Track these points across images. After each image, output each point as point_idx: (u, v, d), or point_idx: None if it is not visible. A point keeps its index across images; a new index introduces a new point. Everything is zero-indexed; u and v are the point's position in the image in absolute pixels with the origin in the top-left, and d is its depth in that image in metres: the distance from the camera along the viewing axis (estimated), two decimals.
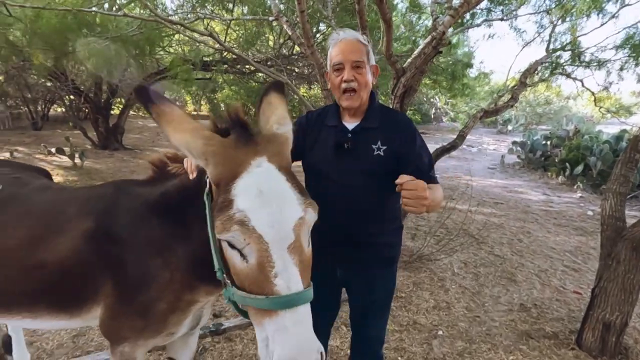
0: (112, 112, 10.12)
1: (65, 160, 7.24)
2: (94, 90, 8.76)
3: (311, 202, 0.85)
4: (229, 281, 0.87)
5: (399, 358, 2.30)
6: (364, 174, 1.33)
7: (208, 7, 4.26)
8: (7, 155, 7.50)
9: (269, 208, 0.77)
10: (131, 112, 12.59)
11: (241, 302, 0.83)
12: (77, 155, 7.01)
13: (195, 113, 20.97)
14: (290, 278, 0.77)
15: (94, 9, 2.84)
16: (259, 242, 0.76)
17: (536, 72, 4.59)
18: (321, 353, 0.78)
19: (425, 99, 15.13)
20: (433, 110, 17.91)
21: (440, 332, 2.54)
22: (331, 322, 1.68)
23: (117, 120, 9.27)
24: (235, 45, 5.97)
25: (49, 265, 1.12)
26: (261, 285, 0.77)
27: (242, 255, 0.79)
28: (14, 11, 2.34)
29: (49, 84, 8.48)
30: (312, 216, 0.84)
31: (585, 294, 3.08)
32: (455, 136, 3.48)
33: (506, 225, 4.99)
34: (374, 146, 1.33)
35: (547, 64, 4.39)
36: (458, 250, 3.85)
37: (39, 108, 13.87)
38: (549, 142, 9.03)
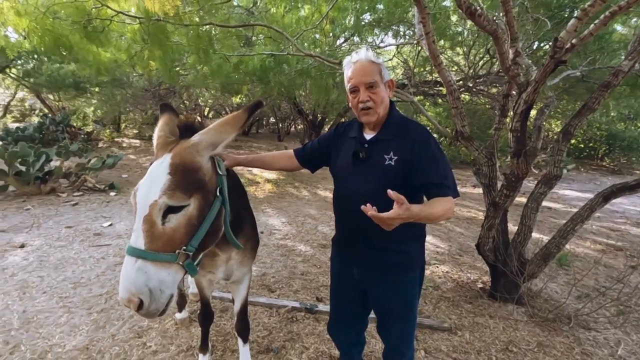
0: (325, 128, 12.40)
1: None
2: (312, 112, 11.04)
3: (173, 193, 1.11)
4: None
5: None
6: (376, 182, 1.41)
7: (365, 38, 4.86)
8: None
9: (144, 187, 1.13)
10: None
11: None
12: None
13: None
14: (136, 236, 1.09)
15: (286, 52, 3.94)
16: (135, 206, 1.14)
17: None
18: (141, 299, 1.05)
19: None
20: None
21: None
22: (357, 315, 1.73)
23: None
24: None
25: None
26: None
27: None
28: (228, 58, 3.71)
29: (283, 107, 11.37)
30: (163, 201, 1.10)
31: None
32: None
33: None
34: (386, 156, 1.41)
35: None
36: None
37: (285, 125, 18.46)
38: None
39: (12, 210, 4.91)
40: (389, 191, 1.12)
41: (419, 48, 5.63)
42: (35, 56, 9.76)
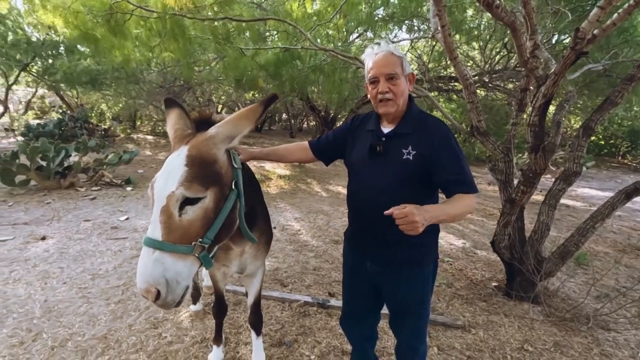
0: (338, 124, 12.37)
1: None
2: (324, 108, 11.01)
3: (190, 185, 1.11)
4: None
5: None
6: (393, 176, 1.40)
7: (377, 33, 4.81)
8: None
9: (161, 179, 1.14)
10: None
11: None
12: None
13: None
14: (153, 227, 1.10)
15: (300, 46, 3.93)
16: (153, 198, 1.14)
17: None
18: (158, 290, 1.05)
19: None
20: None
21: None
22: (370, 310, 1.72)
23: None
24: None
25: None
26: None
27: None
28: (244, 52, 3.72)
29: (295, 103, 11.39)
30: (180, 192, 1.10)
31: None
32: None
33: None
34: (404, 150, 1.38)
35: None
36: None
37: (297, 122, 18.52)
38: None
39: (34, 203, 5.07)
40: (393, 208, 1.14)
41: (434, 43, 5.55)
42: (54, 52, 10.00)
